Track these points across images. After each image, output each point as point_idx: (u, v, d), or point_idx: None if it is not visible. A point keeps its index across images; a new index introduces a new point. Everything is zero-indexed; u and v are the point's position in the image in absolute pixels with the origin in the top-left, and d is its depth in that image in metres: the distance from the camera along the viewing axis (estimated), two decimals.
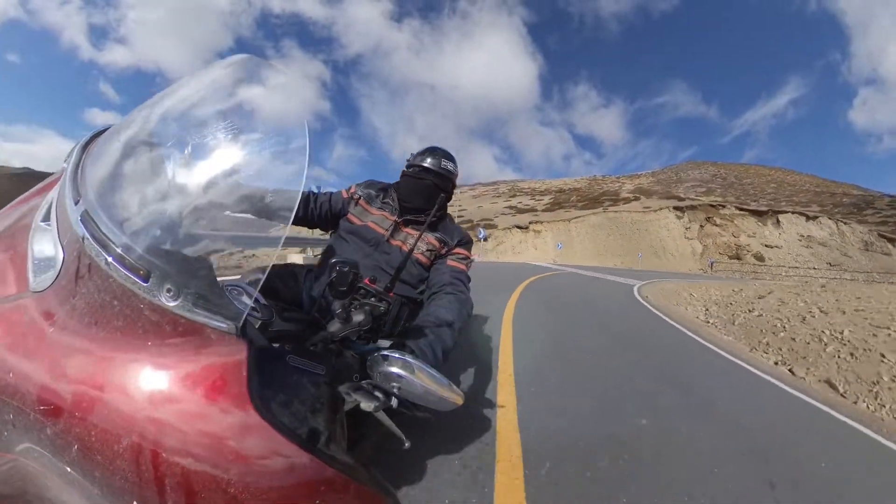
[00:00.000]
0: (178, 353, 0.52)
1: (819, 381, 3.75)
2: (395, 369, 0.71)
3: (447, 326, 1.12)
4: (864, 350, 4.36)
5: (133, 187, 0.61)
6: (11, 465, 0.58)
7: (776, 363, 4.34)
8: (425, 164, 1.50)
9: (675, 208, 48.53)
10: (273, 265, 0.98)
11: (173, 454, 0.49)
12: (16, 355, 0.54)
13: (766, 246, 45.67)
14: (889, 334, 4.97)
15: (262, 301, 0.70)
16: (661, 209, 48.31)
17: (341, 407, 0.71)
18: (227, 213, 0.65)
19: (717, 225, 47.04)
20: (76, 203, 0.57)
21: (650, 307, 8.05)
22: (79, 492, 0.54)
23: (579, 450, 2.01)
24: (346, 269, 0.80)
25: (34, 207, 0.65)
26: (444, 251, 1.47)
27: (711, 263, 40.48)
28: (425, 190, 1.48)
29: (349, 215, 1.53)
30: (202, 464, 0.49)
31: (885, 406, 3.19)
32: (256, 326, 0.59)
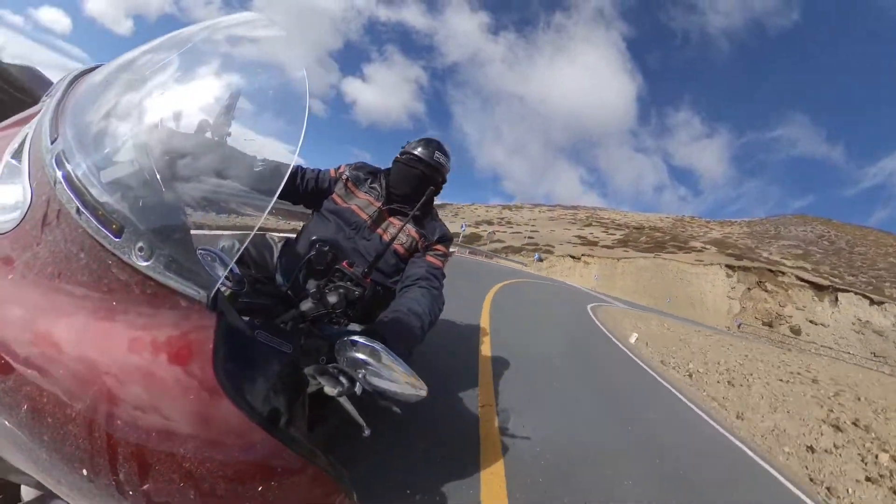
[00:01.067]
0: (143, 317, 0.49)
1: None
2: (362, 356, 0.69)
3: (418, 318, 1.11)
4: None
5: (117, 134, 0.57)
6: None
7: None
8: (417, 153, 1.48)
9: (728, 266, 46.32)
10: None
11: (129, 423, 0.46)
12: None
13: (810, 321, 41.61)
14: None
15: (235, 270, 0.66)
16: (712, 264, 46.57)
17: (305, 388, 0.69)
18: (213, 176, 0.62)
19: (766, 290, 43.83)
20: (53, 142, 0.53)
21: (598, 322, 9.99)
22: (26, 455, 0.51)
23: None
24: (325, 248, 0.77)
25: (5, 139, 0.61)
26: (423, 245, 1.46)
27: (739, 324, 38.64)
28: (414, 179, 1.46)
29: (334, 195, 1.51)
30: (158, 435, 0.46)
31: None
32: (226, 295, 0.56)
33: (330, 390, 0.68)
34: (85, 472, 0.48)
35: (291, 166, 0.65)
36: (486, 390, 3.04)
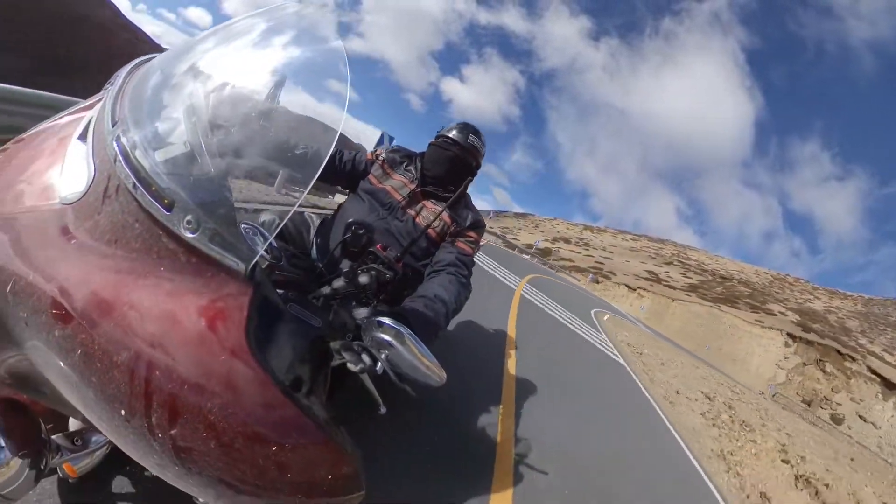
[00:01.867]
0: (187, 283, 0.55)
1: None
2: (387, 337, 0.72)
3: (443, 305, 1.13)
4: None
5: (170, 118, 0.64)
6: (20, 359, 0.63)
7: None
8: (452, 136, 1.51)
9: (790, 334, 41.59)
10: None
11: (165, 374, 0.52)
12: (38, 258, 0.57)
13: (861, 416, 35.28)
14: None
15: (274, 244, 0.72)
16: (772, 328, 42.35)
17: (329, 362, 0.73)
18: (258, 156, 0.67)
19: (824, 371, 38.28)
20: (113, 125, 0.60)
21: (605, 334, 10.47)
22: (75, 392, 0.58)
23: None
24: (360, 231, 0.81)
25: (75, 123, 0.69)
26: (454, 230, 1.47)
27: (773, 393, 33.26)
28: (448, 161, 1.49)
29: (370, 176, 1.55)
30: (189, 388, 0.52)
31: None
32: (264, 266, 0.61)
33: (353, 366, 0.71)
34: (123, 412, 0.54)
35: (331, 150, 0.69)
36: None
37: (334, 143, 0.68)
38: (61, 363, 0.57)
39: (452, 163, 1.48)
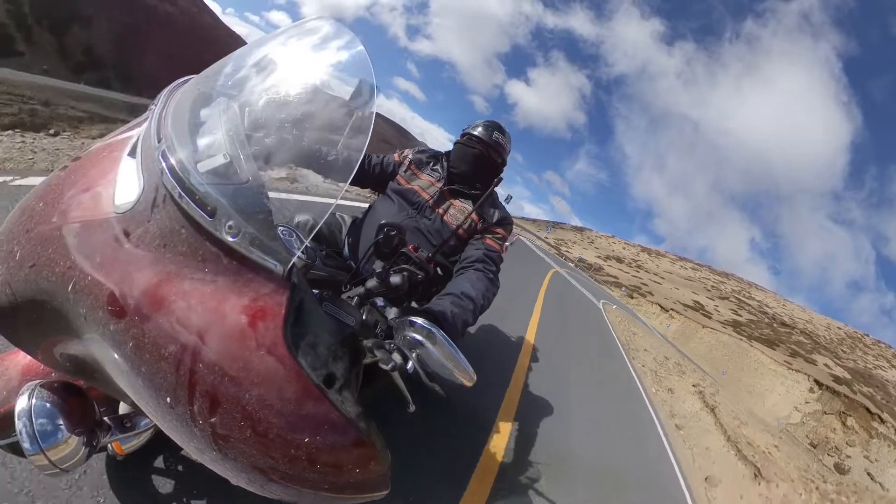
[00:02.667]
0: (230, 283, 0.60)
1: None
2: (418, 336, 0.74)
3: (471, 302, 1.14)
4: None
5: (209, 133, 0.70)
6: (78, 349, 0.70)
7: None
8: (476, 133, 1.53)
9: (817, 382, 38.66)
10: None
11: (208, 367, 0.57)
12: (96, 262, 0.64)
13: (869, 474, 31.92)
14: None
15: (309, 245, 0.76)
16: (800, 371, 39.39)
17: (361, 360, 0.75)
18: (293, 165, 0.72)
19: (844, 424, 35.36)
20: (158, 142, 0.66)
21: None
22: (126, 380, 0.64)
23: None
24: (392, 232, 0.83)
25: (124, 141, 0.76)
26: (482, 227, 1.49)
27: (781, 428, 30.09)
28: (473, 158, 1.51)
29: (398, 177, 1.60)
30: (230, 380, 0.57)
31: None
32: (300, 267, 0.65)
33: (384, 365, 0.74)
34: (168, 399, 0.60)
35: (361, 155, 0.72)
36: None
37: (364, 148, 0.71)
38: (115, 354, 0.63)
39: (477, 160, 1.50)
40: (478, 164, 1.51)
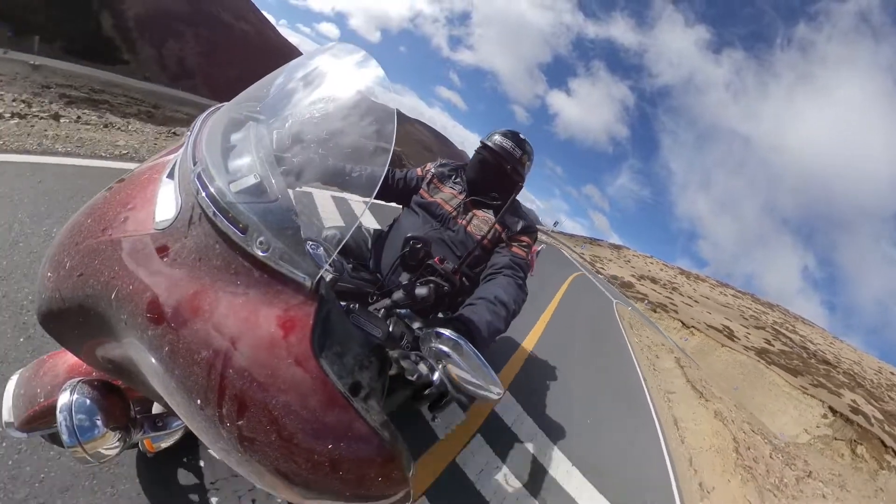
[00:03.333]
0: (260, 295, 0.64)
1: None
2: (445, 347, 0.74)
3: (503, 307, 1.13)
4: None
5: (240, 154, 0.76)
6: (118, 351, 0.76)
7: None
8: (487, 142, 1.55)
9: (831, 409, 35.98)
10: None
11: (238, 373, 0.61)
12: (137, 273, 0.69)
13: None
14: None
15: (336, 258, 0.76)
16: (815, 398, 37.14)
17: (387, 370, 0.76)
18: (318, 182, 0.75)
19: (853, 452, 31.81)
20: (194, 164, 0.72)
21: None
22: (160, 382, 0.69)
23: None
24: (418, 245, 0.85)
25: (163, 164, 0.82)
26: (506, 236, 1.50)
27: (785, 442, 31.22)
28: (478, 165, 1.53)
29: (421, 191, 1.64)
30: (258, 386, 0.60)
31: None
32: (328, 279, 0.67)
33: (410, 376, 0.74)
34: (199, 401, 0.63)
35: (384, 172, 0.76)
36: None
37: (387, 164, 0.75)
38: (151, 357, 0.68)
39: (486, 168, 1.52)
40: (488, 172, 1.51)
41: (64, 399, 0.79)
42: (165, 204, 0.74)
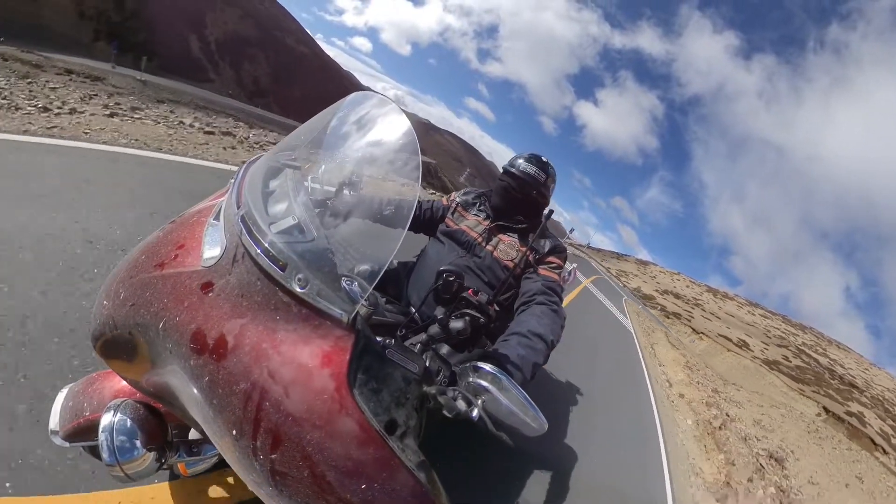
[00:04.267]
0: (299, 330, 0.67)
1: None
2: (483, 382, 0.72)
3: (541, 340, 1.10)
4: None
5: (279, 199, 0.83)
6: (161, 377, 0.80)
7: None
8: (509, 168, 1.56)
9: (825, 409, 32.46)
10: None
11: (274, 406, 0.62)
12: (184, 306, 0.75)
13: (812, 482, 24.32)
14: None
15: (372, 292, 0.75)
16: (810, 398, 34.12)
17: (424, 406, 0.75)
18: (352, 218, 0.79)
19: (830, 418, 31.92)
20: (238, 208, 0.79)
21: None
22: (199, 410, 0.72)
23: None
24: (451, 278, 0.85)
25: (210, 208, 0.90)
26: (534, 258, 1.48)
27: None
28: (503, 192, 1.54)
29: (447, 219, 1.67)
30: (293, 421, 0.61)
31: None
32: (363, 314, 0.67)
33: (448, 412, 0.72)
34: (234, 432, 0.65)
35: (413, 205, 0.79)
36: None
37: (416, 199, 0.78)
38: (192, 386, 0.71)
39: (510, 194, 1.53)
40: (511, 197, 1.52)
41: (107, 419, 0.83)
42: (212, 243, 0.80)
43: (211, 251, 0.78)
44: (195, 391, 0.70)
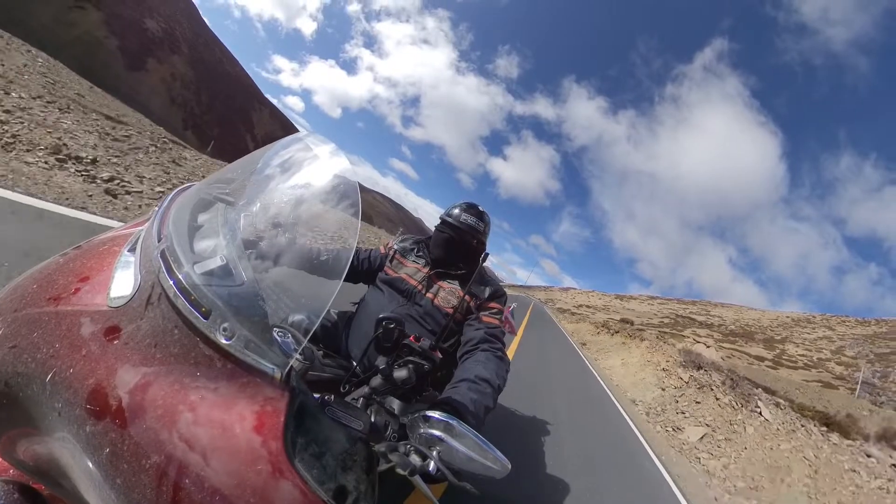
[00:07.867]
0: (223, 388, 0.58)
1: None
2: (436, 432, 0.68)
3: (488, 385, 1.09)
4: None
5: (207, 235, 0.73)
6: (45, 447, 0.65)
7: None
8: (446, 218, 1.59)
9: (595, 324, 37.45)
10: None
11: (196, 483, 0.52)
12: (81, 354, 0.62)
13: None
14: None
15: (306, 345, 0.70)
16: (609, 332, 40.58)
17: (375, 467, 0.68)
18: (286, 267, 0.73)
19: (617, 333, 35.28)
20: (158, 241, 0.68)
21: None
22: (97, 492, 0.59)
23: None
24: (391, 325, 0.81)
25: (126, 237, 0.77)
26: (475, 305, 1.49)
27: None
28: (444, 243, 1.56)
29: (386, 268, 1.64)
30: (220, 499, 0.52)
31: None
32: (298, 369, 0.61)
33: (402, 470, 0.67)
34: None
35: (351, 254, 0.74)
36: None
37: (354, 247, 0.73)
38: (88, 460, 0.58)
39: (450, 244, 1.55)
40: (451, 247, 1.55)
41: None
42: (123, 279, 0.68)
43: (121, 289, 0.67)
44: (92, 467, 0.58)
